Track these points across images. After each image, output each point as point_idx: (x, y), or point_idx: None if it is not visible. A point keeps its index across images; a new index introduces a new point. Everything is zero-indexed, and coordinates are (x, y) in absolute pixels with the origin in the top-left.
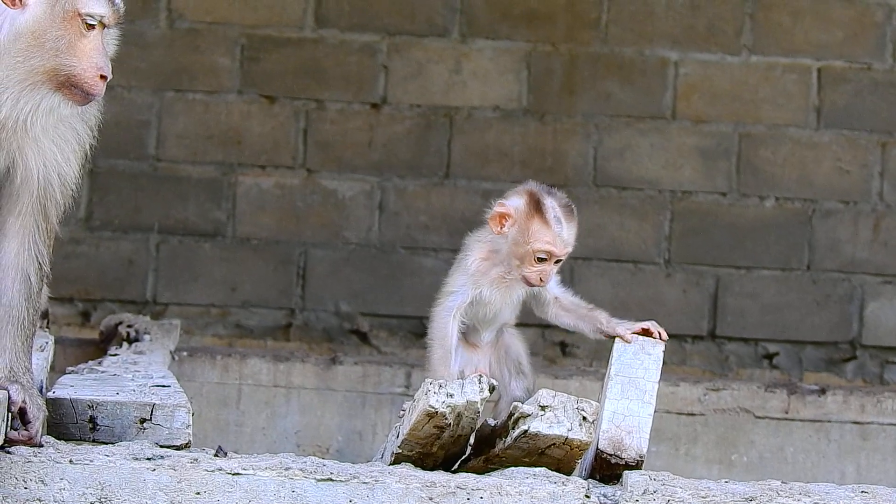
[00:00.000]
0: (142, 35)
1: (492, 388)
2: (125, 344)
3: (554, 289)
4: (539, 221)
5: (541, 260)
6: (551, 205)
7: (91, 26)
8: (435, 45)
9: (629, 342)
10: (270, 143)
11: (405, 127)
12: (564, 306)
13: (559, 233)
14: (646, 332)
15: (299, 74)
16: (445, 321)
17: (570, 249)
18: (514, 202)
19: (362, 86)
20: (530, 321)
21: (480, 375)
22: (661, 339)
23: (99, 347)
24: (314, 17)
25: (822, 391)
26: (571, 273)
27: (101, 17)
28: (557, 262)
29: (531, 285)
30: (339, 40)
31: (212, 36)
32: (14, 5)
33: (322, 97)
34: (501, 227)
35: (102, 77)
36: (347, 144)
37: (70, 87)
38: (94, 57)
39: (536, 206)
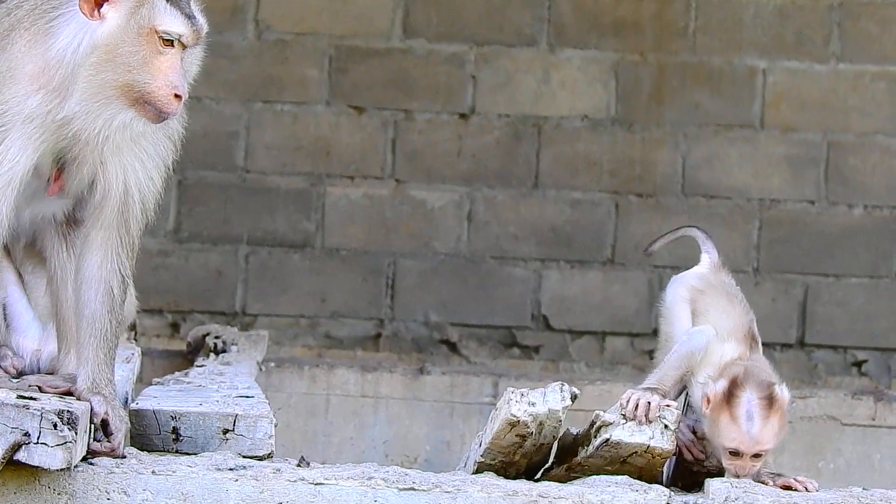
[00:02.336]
0: (230, 46)
1: (574, 397)
2: (212, 355)
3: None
4: (728, 416)
5: (733, 454)
6: (747, 399)
7: (168, 44)
8: (523, 55)
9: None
10: (359, 154)
11: (494, 137)
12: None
13: (748, 430)
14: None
15: (387, 85)
16: None
17: (766, 447)
18: (718, 386)
19: (450, 96)
20: (618, 330)
21: (562, 384)
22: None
23: (186, 359)
24: (402, 27)
25: None
26: (660, 282)
27: (179, 35)
28: (757, 457)
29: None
30: (426, 50)
31: (300, 47)
32: (93, 17)
33: (410, 107)
34: (706, 407)
35: (177, 96)
36: (436, 154)
37: (144, 104)
38: (169, 75)
39: (730, 398)
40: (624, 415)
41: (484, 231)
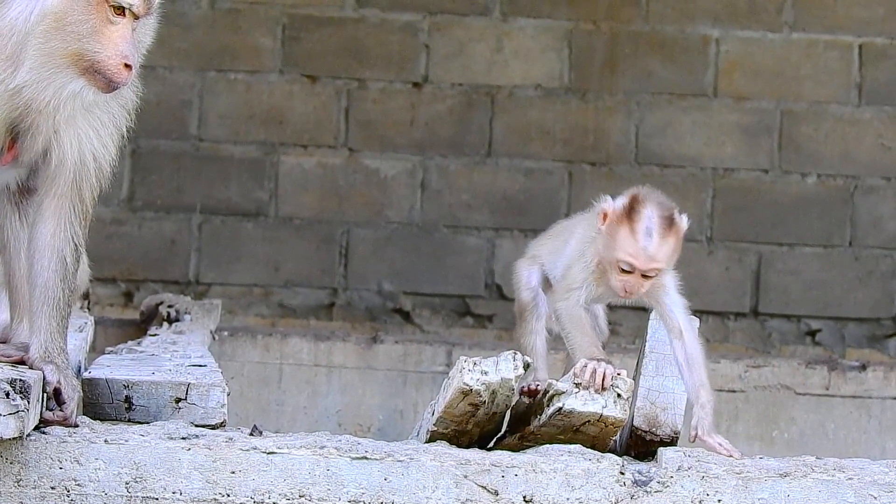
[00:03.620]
0: (183, 15)
1: (526, 366)
2: (165, 324)
3: (682, 319)
4: (627, 230)
5: (624, 271)
6: (647, 214)
7: (119, 13)
8: (476, 24)
9: (710, 450)
10: (312, 123)
11: (447, 106)
12: (686, 349)
13: (645, 246)
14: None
15: (341, 54)
16: (578, 312)
17: (658, 266)
18: (617, 202)
19: (404, 65)
20: None
21: (515, 352)
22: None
23: (140, 328)
24: None
25: (863, 367)
26: None
27: (129, 5)
28: (647, 276)
29: (619, 295)
30: (380, 19)
31: (253, 16)
32: None
33: (364, 76)
34: (602, 223)
35: (127, 66)
36: (389, 123)
37: (94, 73)
38: (119, 45)
39: (630, 213)
40: (578, 384)
41: (437, 200)
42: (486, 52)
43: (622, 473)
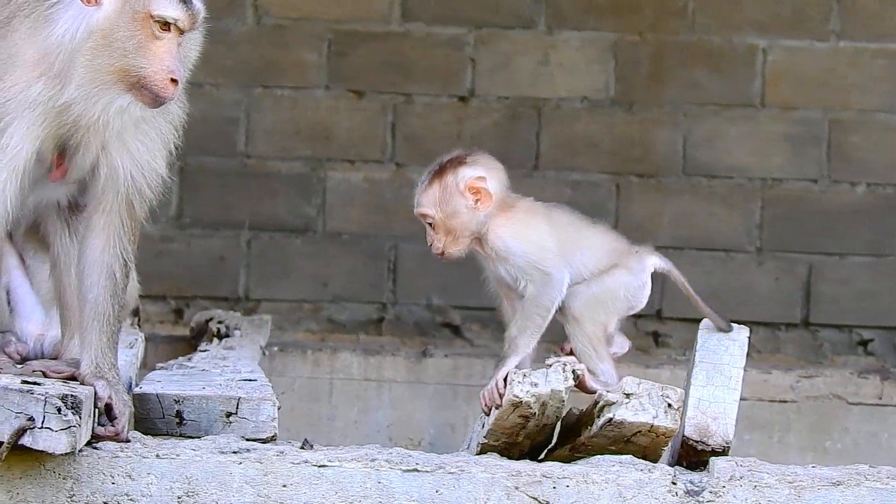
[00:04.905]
0: (228, 32)
1: (576, 377)
2: (215, 340)
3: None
4: None
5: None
6: (437, 160)
7: (164, 28)
8: (521, 37)
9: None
10: (359, 138)
11: (493, 119)
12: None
13: (416, 192)
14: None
15: (386, 68)
16: None
17: (422, 210)
18: None
19: (449, 79)
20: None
21: (565, 363)
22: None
23: (190, 344)
24: (400, 10)
25: None
26: None
27: (175, 20)
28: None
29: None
30: (425, 33)
31: (298, 31)
32: (90, 2)
33: (409, 91)
34: None
35: (173, 81)
36: (436, 138)
37: (141, 88)
38: (165, 60)
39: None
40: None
41: None
42: (531, 65)
43: (674, 484)
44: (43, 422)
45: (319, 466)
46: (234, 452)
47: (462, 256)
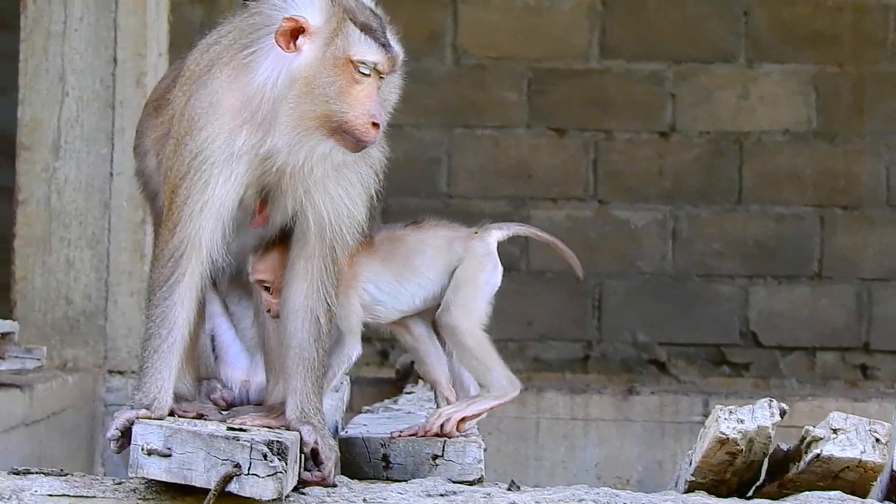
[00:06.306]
0: (428, 72)
1: (783, 413)
2: (420, 382)
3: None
4: None
5: None
6: None
7: (364, 73)
8: (722, 71)
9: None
10: (560, 176)
11: (694, 154)
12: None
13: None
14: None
15: (586, 105)
16: None
17: (260, 277)
18: None
19: (650, 114)
20: (828, 344)
21: (771, 400)
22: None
23: (395, 386)
24: (599, 47)
25: None
26: (870, 295)
27: (374, 64)
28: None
29: None
30: (625, 70)
31: (498, 71)
32: (289, 49)
33: (610, 127)
34: None
35: (375, 125)
36: (637, 174)
37: (343, 133)
38: (366, 104)
39: None
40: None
41: (688, 249)
42: (732, 99)
43: None
44: (249, 468)
45: None
46: (441, 495)
47: None
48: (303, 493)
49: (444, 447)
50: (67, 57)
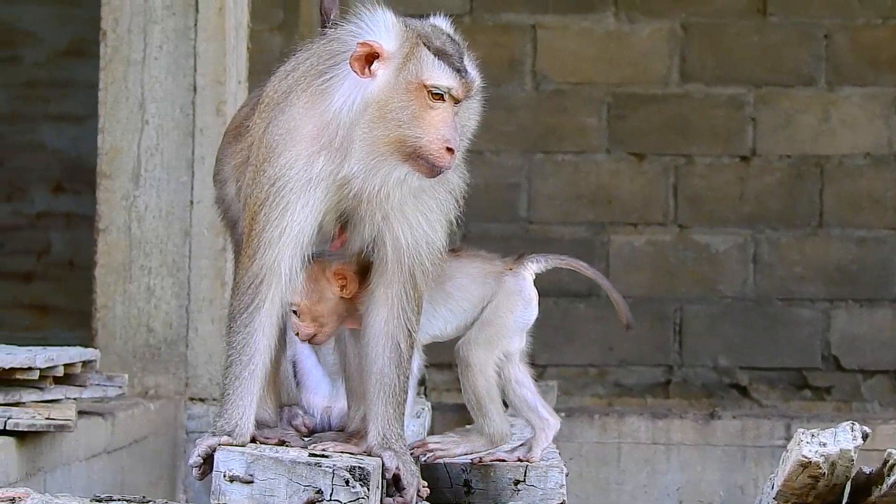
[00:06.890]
0: (508, 98)
1: (865, 436)
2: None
3: None
4: None
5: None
6: None
7: (437, 98)
8: (802, 95)
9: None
10: (641, 201)
11: (775, 178)
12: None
13: None
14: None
15: (666, 130)
16: None
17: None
18: None
19: (730, 138)
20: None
21: (853, 423)
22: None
23: None
24: (679, 72)
25: None
26: None
27: (448, 89)
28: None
29: None
30: (704, 94)
31: (577, 96)
32: (364, 75)
33: (690, 152)
34: None
35: (449, 150)
36: (718, 198)
37: (417, 158)
38: (440, 129)
39: None
40: None
41: (769, 273)
42: (812, 123)
43: None
44: (331, 494)
45: None
46: None
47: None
48: None
49: (525, 472)
50: (147, 85)
